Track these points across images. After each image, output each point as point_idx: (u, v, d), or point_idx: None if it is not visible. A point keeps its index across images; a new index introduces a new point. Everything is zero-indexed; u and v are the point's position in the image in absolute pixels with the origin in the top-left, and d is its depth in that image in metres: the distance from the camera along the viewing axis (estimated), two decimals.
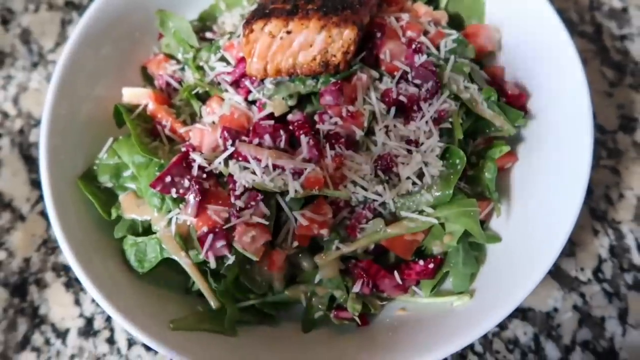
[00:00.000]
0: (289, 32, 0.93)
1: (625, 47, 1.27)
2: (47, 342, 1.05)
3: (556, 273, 1.08)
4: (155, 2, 1.13)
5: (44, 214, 1.15)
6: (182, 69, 1.11)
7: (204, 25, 1.15)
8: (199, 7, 1.17)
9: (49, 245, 1.13)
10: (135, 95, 1.03)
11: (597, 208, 1.13)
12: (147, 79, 1.15)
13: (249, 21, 0.94)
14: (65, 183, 0.96)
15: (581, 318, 1.05)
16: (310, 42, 0.93)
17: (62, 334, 1.06)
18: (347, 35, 0.92)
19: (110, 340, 1.05)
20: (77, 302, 1.08)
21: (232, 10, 1.15)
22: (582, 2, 1.33)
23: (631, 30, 1.29)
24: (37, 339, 1.05)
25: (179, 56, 1.11)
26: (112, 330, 1.05)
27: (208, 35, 1.12)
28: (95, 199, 0.96)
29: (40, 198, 1.16)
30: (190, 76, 1.08)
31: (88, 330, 1.06)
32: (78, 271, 0.87)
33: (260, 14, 0.93)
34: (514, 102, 1.01)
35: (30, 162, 1.20)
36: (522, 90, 1.03)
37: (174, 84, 1.09)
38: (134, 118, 1.01)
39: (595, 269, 1.09)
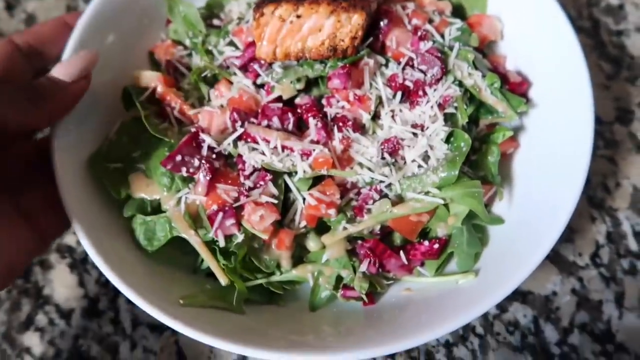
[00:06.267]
0: (298, 17, 0.95)
1: (621, 42, 1.31)
2: (51, 322, 1.05)
3: (555, 258, 1.10)
4: None
5: None
6: (190, 55, 1.12)
7: (211, 13, 1.17)
8: None
9: None
10: (145, 78, 1.04)
11: (594, 196, 1.16)
12: (154, 65, 1.16)
13: (260, 5, 0.96)
14: (74, 164, 0.96)
15: (579, 301, 1.08)
16: (319, 26, 0.95)
17: (66, 315, 1.06)
18: (356, 20, 0.94)
19: (115, 321, 1.05)
20: (82, 283, 1.09)
21: None
22: None
23: (627, 26, 1.33)
24: (41, 319, 1.06)
25: (187, 42, 1.12)
26: (116, 311, 1.06)
27: (215, 22, 1.14)
28: (104, 179, 0.97)
29: None
30: (198, 61, 1.09)
31: (92, 310, 1.06)
32: (90, 250, 0.87)
33: None
34: (516, 89, 1.04)
35: None
36: (523, 79, 1.06)
37: (182, 68, 1.10)
38: (143, 100, 1.02)
39: (593, 254, 1.12)
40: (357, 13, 0.94)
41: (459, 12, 1.12)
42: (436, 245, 0.95)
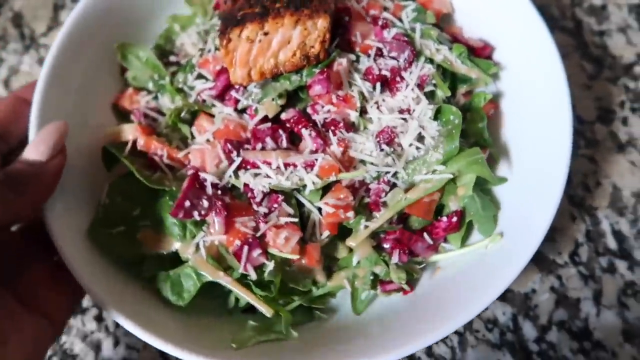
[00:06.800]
0: (266, 34, 0.94)
1: (604, 42, 1.33)
2: None
3: (535, 256, 1.06)
4: (109, 36, 1.09)
5: None
6: (155, 98, 1.08)
7: (163, 50, 1.14)
8: (152, 33, 1.15)
9: None
10: (124, 132, 0.99)
11: (575, 195, 1.17)
12: (120, 117, 1.11)
13: (224, 31, 0.94)
14: (75, 237, 0.91)
15: (558, 299, 1.08)
16: (288, 38, 0.95)
17: None
18: (321, 24, 0.95)
19: (99, 318, 1.05)
20: None
21: (187, 30, 1.14)
22: None
23: (610, 26, 1.35)
24: None
25: (150, 86, 1.09)
26: (100, 308, 1.01)
27: (171, 59, 1.11)
28: (110, 248, 0.92)
29: None
30: (167, 102, 1.06)
31: (76, 308, 1.05)
32: (120, 319, 0.83)
33: (234, 22, 0.94)
34: (481, 54, 1.08)
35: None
36: (485, 43, 1.10)
37: (152, 114, 1.06)
38: (127, 155, 0.97)
39: (572, 252, 1.13)
40: (322, 17, 0.94)
41: None
42: (454, 219, 0.97)
